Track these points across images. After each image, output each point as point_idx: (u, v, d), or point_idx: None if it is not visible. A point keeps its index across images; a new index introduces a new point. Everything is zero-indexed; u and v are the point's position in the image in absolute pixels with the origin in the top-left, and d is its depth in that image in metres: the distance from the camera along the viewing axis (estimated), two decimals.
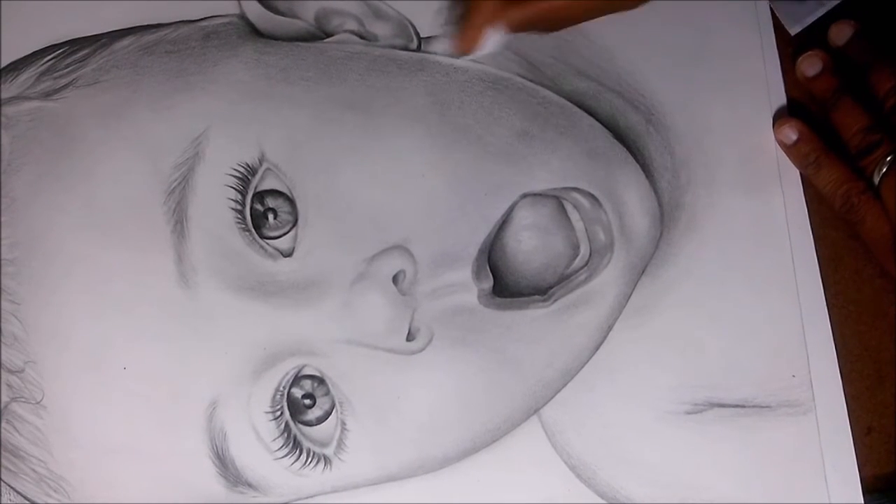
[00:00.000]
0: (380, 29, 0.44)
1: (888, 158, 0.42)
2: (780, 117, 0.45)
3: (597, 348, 0.42)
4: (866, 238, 0.43)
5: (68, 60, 0.43)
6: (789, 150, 0.44)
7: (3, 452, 0.40)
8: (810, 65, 0.44)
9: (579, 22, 0.40)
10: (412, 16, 0.45)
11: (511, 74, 0.44)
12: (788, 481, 0.42)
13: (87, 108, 0.41)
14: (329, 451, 0.40)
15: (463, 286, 0.40)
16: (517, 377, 0.41)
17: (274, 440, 0.39)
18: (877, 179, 0.42)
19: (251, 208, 0.39)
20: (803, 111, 0.45)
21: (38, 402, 0.40)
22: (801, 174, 0.45)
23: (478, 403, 0.41)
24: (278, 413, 0.39)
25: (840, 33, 0.45)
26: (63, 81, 0.42)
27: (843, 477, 0.42)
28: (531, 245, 0.43)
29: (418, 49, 0.44)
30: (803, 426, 0.42)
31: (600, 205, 0.41)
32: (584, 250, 0.42)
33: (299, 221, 0.39)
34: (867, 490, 0.42)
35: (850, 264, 0.45)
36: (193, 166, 0.39)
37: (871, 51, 0.44)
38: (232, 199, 0.39)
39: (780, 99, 0.45)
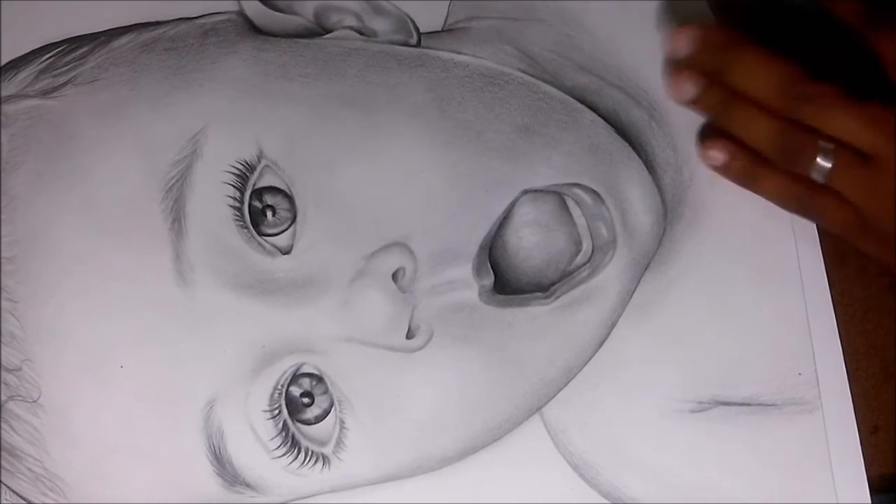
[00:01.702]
0: (379, 25, 0.44)
1: (829, 150, 0.38)
2: (704, 139, 0.42)
3: (599, 346, 0.42)
4: (834, 230, 0.41)
5: (67, 58, 0.43)
6: (722, 171, 0.42)
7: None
8: (687, 90, 0.40)
9: None
10: (411, 12, 0.45)
11: (512, 70, 0.43)
12: (795, 480, 0.41)
13: (85, 105, 0.41)
14: (328, 450, 0.40)
15: (463, 283, 0.39)
16: (518, 375, 0.40)
17: (272, 439, 0.39)
18: (821, 178, 0.39)
19: (249, 205, 0.39)
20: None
21: (34, 401, 0.39)
22: None
23: (479, 402, 0.40)
24: (276, 412, 0.39)
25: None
26: (62, 79, 0.42)
27: (850, 475, 0.41)
28: (532, 241, 0.42)
29: (418, 45, 0.44)
30: (810, 424, 0.42)
31: (602, 201, 0.41)
32: (586, 247, 0.42)
33: (298, 218, 0.39)
34: (873, 489, 0.42)
35: (854, 262, 0.44)
36: (191, 164, 0.39)
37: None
38: (230, 197, 0.39)
39: None
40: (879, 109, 0.37)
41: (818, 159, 0.38)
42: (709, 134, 0.43)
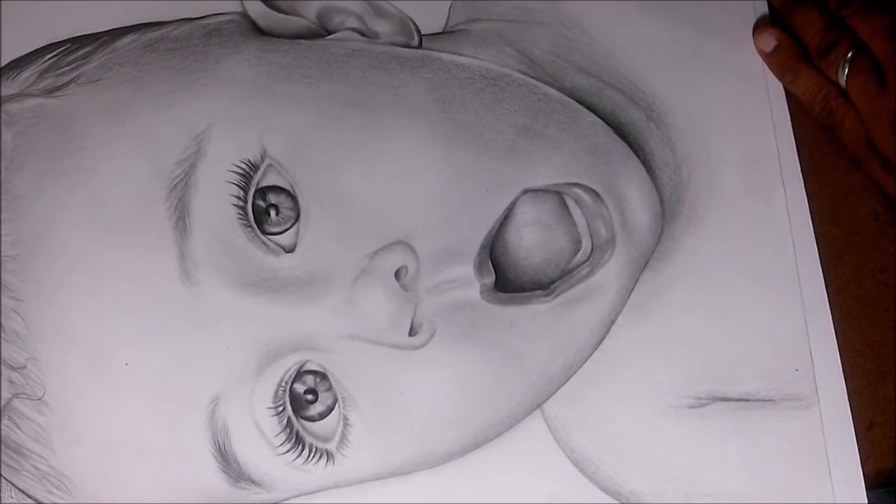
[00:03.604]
0: (381, 26, 0.45)
1: (849, 56, 0.42)
2: (759, 26, 0.46)
3: (599, 343, 0.42)
4: (846, 141, 0.44)
5: (71, 58, 0.43)
6: (769, 58, 0.45)
7: (4, 449, 0.40)
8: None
9: None
10: (413, 13, 0.45)
11: (512, 71, 0.44)
12: (792, 475, 0.42)
13: (89, 105, 0.41)
14: (331, 447, 0.40)
15: (465, 281, 0.40)
16: (519, 372, 0.41)
17: (276, 436, 0.39)
18: (842, 80, 0.43)
19: (253, 204, 0.39)
20: (804, 107, 0.45)
21: (39, 399, 0.39)
22: (801, 172, 0.45)
23: (480, 398, 0.40)
24: (280, 408, 0.39)
25: None
26: (65, 79, 0.42)
27: (847, 471, 0.42)
28: (533, 240, 0.43)
29: (419, 46, 0.45)
30: (807, 420, 0.42)
31: (602, 200, 0.41)
32: (585, 245, 0.42)
33: (301, 217, 0.39)
34: (869, 485, 0.42)
35: (850, 260, 0.45)
36: (195, 163, 0.39)
37: None
38: (234, 196, 0.39)
39: (779, 95, 0.46)
40: None
41: (844, 61, 0.42)
42: (762, 24, 0.46)
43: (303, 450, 0.39)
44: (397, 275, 0.39)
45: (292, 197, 0.40)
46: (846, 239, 0.45)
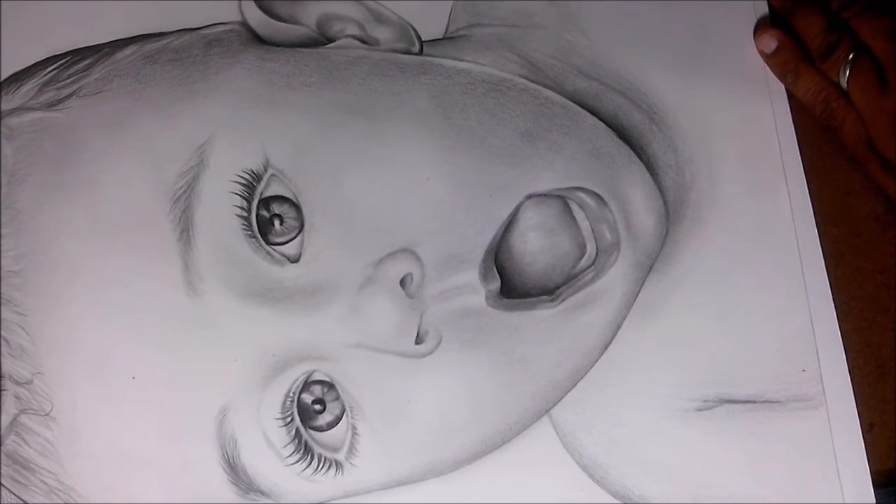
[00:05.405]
0: (381, 33, 0.45)
1: (850, 57, 0.43)
2: (760, 27, 0.46)
3: (605, 347, 0.42)
4: (847, 142, 0.44)
5: (71, 71, 0.43)
6: (770, 59, 0.45)
7: (13, 465, 0.40)
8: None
9: None
10: (413, 19, 0.45)
11: (513, 76, 0.44)
12: (800, 476, 0.42)
13: (90, 117, 0.41)
14: (340, 456, 0.40)
15: (470, 288, 0.40)
16: (527, 378, 0.41)
17: (285, 446, 0.39)
18: (843, 82, 0.43)
19: (257, 215, 0.39)
20: (805, 108, 0.45)
21: (46, 414, 0.39)
22: (804, 173, 0.45)
23: (488, 405, 0.40)
24: (288, 419, 0.39)
25: None
26: (66, 92, 0.42)
27: (855, 471, 0.42)
28: (537, 245, 0.43)
29: (420, 52, 0.45)
30: (814, 421, 0.42)
31: (605, 204, 0.41)
32: (590, 249, 0.42)
33: (305, 227, 0.39)
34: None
35: (851, 261, 0.45)
36: (198, 174, 0.39)
37: None
38: (237, 206, 0.39)
39: (780, 96, 0.46)
40: None
41: (846, 62, 0.43)
42: (763, 26, 0.46)
43: (311, 460, 0.39)
44: (402, 283, 0.39)
45: (296, 206, 0.39)
46: (846, 239, 0.45)
